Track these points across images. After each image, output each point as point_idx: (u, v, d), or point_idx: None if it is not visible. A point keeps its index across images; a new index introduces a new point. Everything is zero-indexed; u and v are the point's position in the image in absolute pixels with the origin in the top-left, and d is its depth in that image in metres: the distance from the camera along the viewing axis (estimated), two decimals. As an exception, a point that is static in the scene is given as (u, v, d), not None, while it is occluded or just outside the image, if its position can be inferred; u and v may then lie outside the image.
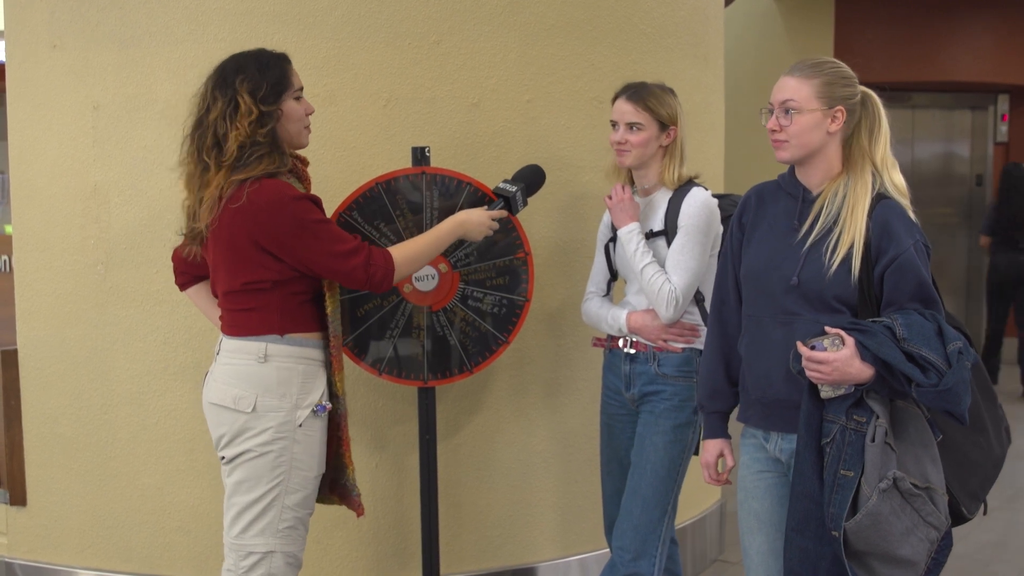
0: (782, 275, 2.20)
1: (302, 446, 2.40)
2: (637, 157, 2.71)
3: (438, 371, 2.98)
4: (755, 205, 2.34)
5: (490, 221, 2.69)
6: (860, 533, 2.01)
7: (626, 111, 2.71)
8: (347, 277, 2.42)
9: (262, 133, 2.34)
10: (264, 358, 2.39)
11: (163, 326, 3.22)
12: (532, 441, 3.40)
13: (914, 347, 1.99)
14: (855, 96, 2.21)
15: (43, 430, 3.40)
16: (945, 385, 1.97)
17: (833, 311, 2.14)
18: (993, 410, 2.30)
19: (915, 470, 2.05)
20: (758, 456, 2.32)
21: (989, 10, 7.97)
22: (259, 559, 2.39)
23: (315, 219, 2.38)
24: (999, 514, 4.52)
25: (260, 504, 2.39)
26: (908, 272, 2.10)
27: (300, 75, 2.51)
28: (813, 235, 2.17)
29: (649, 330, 2.69)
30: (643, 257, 2.67)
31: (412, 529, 3.24)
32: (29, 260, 3.40)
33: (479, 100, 3.22)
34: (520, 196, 2.77)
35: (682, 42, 3.61)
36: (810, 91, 2.18)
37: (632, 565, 2.67)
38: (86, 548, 3.36)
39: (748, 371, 2.30)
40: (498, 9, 3.21)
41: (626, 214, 2.71)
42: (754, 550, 2.34)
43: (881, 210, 2.15)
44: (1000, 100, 8.46)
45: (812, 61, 2.22)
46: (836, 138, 2.21)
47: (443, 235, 2.63)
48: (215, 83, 2.39)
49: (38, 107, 3.34)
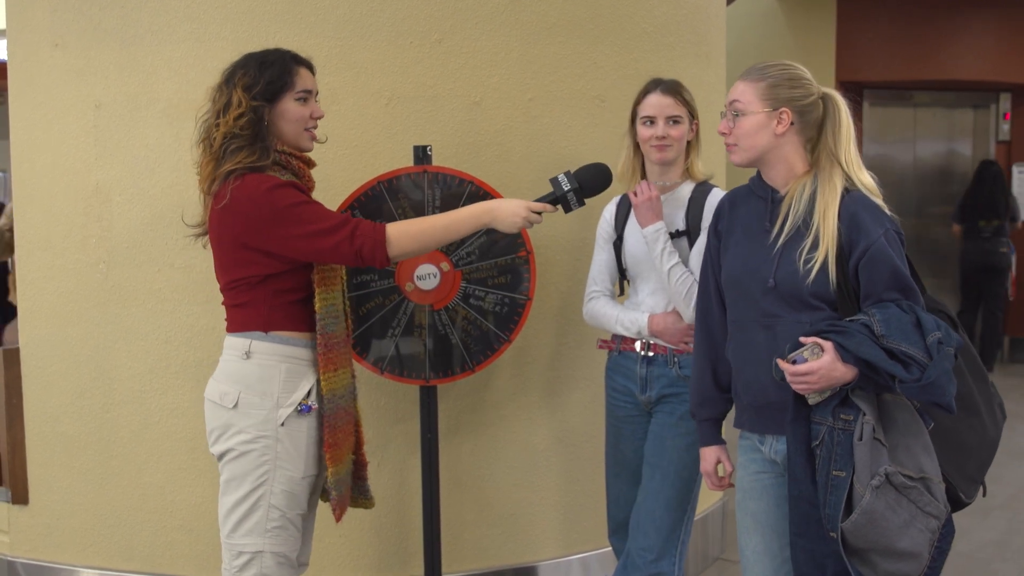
0: (760, 278, 2.20)
1: (285, 446, 2.38)
2: (677, 151, 2.71)
3: (440, 370, 2.98)
4: (728, 210, 2.34)
5: (527, 212, 2.46)
6: (857, 532, 2.00)
7: (666, 104, 2.68)
8: (334, 253, 2.35)
9: (242, 125, 2.33)
10: (247, 354, 2.38)
11: (165, 325, 3.22)
12: (534, 440, 3.40)
13: (893, 343, 1.98)
14: (806, 98, 2.19)
15: (45, 429, 3.40)
16: (928, 379, 1.96)
17: (813, 309, 2.14)
18: (985, 389, 2.29)
19: (909, 462, 2.04)
20: (754, 457, 2.32)
21: (991, 9, 7.97)
22: (249, 559, 2.38)
23: (293, 203, 2.33)
24: (1000, 513, 4.52)
25: (246, 503, 2.38)
26: (881, 262, 2.09)
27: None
28: (783, 236, 2.17)
29: (672, 333, 2.68)
30: (670, 257, 2.66)
31: (414, 527, 3.24)
32: (31, 259, 3.40)
33: (481, 99, 3.22)
34: (574, 197, 2.52)
35: (684, 40, 3.61)
36: (754, 94, 2.19)
37: (655, 566, 2.67)
38: (88, 547, 3.37)
39: (737, 377, 2.31)
40: (500, 8, 3.21)
41: (652, 212, 2.68)
42: (750, 550, 2.34)
43: (847, 204, 2.13)
44: (1002, 99, 8.46)
45: (762, 64, 2.23)
46: (789, 140, 2.20)
47: (463, 218, 2.46)
48: (224, 78, 2.41)
49: (40, 106, 3.35)
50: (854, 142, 2.20)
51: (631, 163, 2.78)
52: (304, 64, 2.45)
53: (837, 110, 2.20)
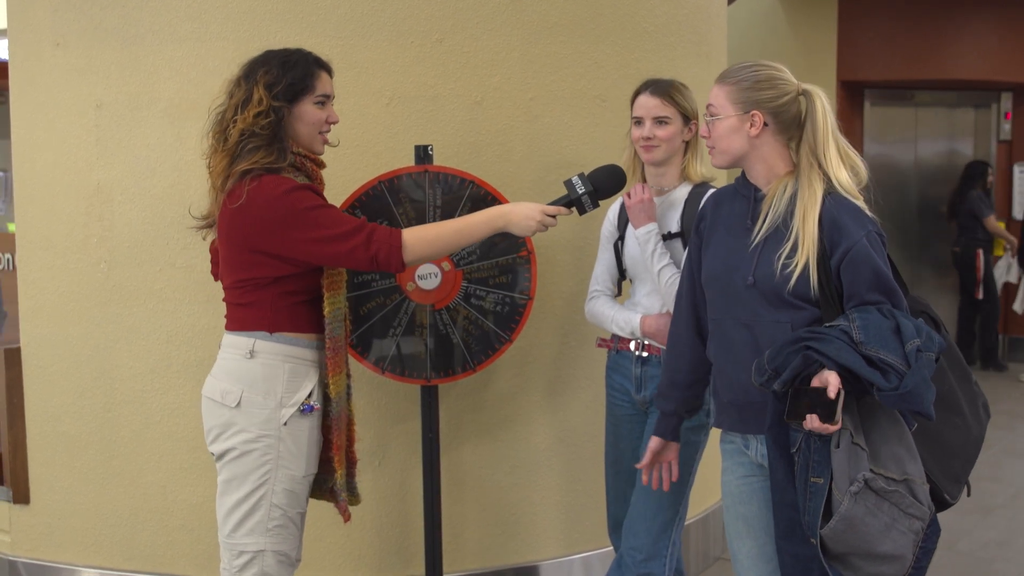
0: (740, 276, 2.19)
1: (288, 445, 2.38)
2: (665, 152, 2.70)
3: (441, 369, 2.98)
4: (711, 210, 2.33)
5: (541, 215, 2.46)
6: (836, 537, 1.99)
7: (652, 105, 2.68)
8: (349, 258, 2.36)
9: (262, 125, 2.33)
10: (251, 354, 2.38)
11: (166, 324, 3.22)
12: (535, 439, 3.40)
13: (872, 350, 1.95)
14: (779, 98, 2.16)
15: (46, 428, 3.41)
16: (906, 387, 1.92)
17: (793, 308, 2.12)
18: (968, 388, 2.27)
19: (891, 464, 2.03)
20: (741, 461, 2.31)
21: (992, 8, 7.97)
22: (251, 558, 2.39)
23: (310, 206, 2.33)
24: (1002, 512, 4.52)
25: (248, 503, 2.38)
26: (862, 263, 2.07)
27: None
28: (762, 234, 2.15)
29: (664, 334, 2.68)
30: (661, 259, 2.66)
31: (415, 527, 3.24)
32: (32, 258, 3.41)
33: (482, 98, 3.22)
34: (588, 200, 2.52)
35: (685, 40, 3.61)
36: (726, 97, 2.19)
37: (644, 566, 2.67)
38: (89, 546, 3.37)
39: (718, 376, 2.30)
40: (500, 7, 3.21)
41: (645, 214, 2.69)
42: (743, 554, 2.32)
43: (828, 207, 2.11)
44: (1003, 98, 8.46)
45: (736, 66, 2.22)
46: (766, 141, 2.19)
47: (476, 224, 2.45)
48: (243, 73, 2.40)
49: (41, 105, 3.35)
50: (835, 138, 2.15)
51: (631, 163, 2.79)
52: (325, 68, 2.45)
53: (814, 108, 2.16)
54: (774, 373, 2.02)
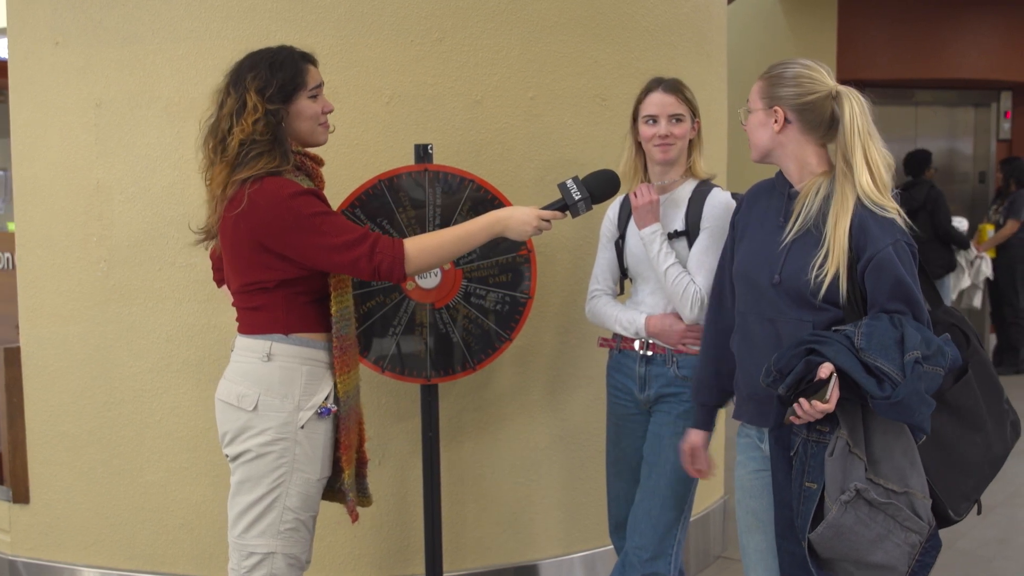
0: (767, 273, 2.19)
1: (304, 448, 2.38)
2: (680, 149, 2.71)
3: (441, 368, 2.98)
4: (747, 204, 2.34)
5: (537, 220, 2.48)
6: (824, 543, 1.99)
7: (668, 103, 2.68)
8: (352, 268, 2.36)
9: (261, 131, 2.32)
10: (268, 356, 2.38)
11: (166, 323, 3.22)
12: (535, 438, 3.40)
13: (870, 357, 1.94)
14: (804, 96, 2.15)
15: (46, 427, 3.41)
16: (896, 397, 1.91)
17: (816, 309, 2.12)
18: (996, 406, 2.24)
19: (892, 475, 2.01)
20: (754, 455, 2.32)
21: (993, 7, 7.97)
22: (260, 559, 2.39)
23: (314, 212, 2.32)
24: (1002, 510, 4.52)
25: (261, 505, 2.38)
26: (884, 271, 2.06)
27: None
28: (792, 233, 2.15)
29: (669, 334, 2.68)
30: (667, 258, 2.66)
31: (415, 526, 3.24)
32: (32, 257, 3.40)
33: (482, 97, 3.22)
34: (583, 206, 2.54)
35: (685, 39, 3.61)
36: (757, 91, 2.22)
37: (650, 565, 2.67)
38: (89, 546, 3.37)
39: (740, 368, 2.31)
40: (500, 6, 3.21)
41: (651, 215, 2.69)
42: (752, 548, 2.33)
43: (859, 212, 2.09)
44: (1003, 97, 8.48)
45: (776, 63, 2.23)
46: (792, 138, 2.18)
47: (475, 231, 2.47)
48: (230, 80, 2.38)
49: (40, 104, 3.35)
50: (863, 143, 2.11)
51: (633, 163, 2.78)
52: (310, 60, 2.45)
53: (842, 109, 2.14)
54: (779, 375, 2.01)
